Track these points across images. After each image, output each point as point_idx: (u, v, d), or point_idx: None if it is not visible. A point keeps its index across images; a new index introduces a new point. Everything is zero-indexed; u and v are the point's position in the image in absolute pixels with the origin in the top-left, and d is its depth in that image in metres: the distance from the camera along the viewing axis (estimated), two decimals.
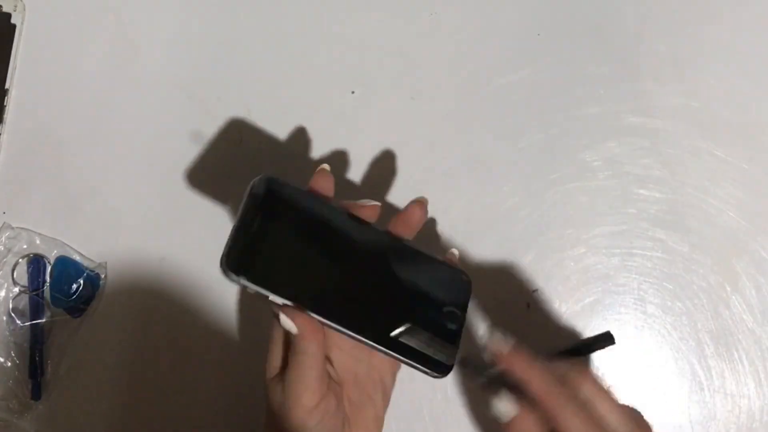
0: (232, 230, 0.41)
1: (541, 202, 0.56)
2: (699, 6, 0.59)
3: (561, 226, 0.56)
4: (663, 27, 0.58)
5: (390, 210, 0.56)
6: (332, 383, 0.43)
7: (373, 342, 0.41)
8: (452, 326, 0.43)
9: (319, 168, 0.44)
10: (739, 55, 0.58)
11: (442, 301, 0.44)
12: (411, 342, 0.42)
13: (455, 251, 0.47)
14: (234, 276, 0.40)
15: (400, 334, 0.42)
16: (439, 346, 0.42)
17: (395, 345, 0.42)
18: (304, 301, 0.41)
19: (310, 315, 0.41)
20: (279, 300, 0.41)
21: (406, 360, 0.42)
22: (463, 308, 0.44)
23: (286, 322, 0.40)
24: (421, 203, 0.45)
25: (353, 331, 0.41)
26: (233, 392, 0.54)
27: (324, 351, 0.41)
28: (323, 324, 0.41)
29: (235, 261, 0.40)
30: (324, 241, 0.43)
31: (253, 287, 0.41)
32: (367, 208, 0.44)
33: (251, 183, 0.43)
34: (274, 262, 0.41)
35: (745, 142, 0.57)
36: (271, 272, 0.41)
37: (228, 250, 0.40)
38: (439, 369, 0.42)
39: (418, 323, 0.42)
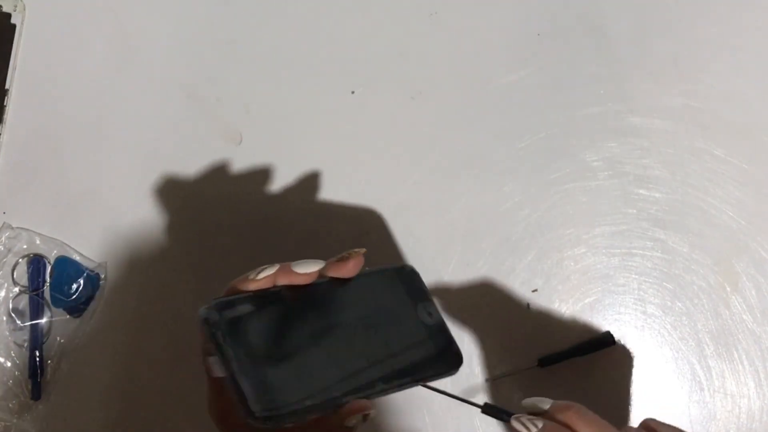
0: (233, 378, 0.36)
1: (541, 202, 0.56)
2: (699, 6, 0.59)
3: (561, 226, 0.56)
4: (663, 27, 0.58)
5: (392, 210, 0.56)
6: None
7: (399, 386, 0.40)
8: (432, 320, 0.43)
9: (260, 275, 0.40)
10: (739, 55, 0.58)
11: (410, 304, 0.43)
12: (416, 359, 0.41)
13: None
14: (280, 423, 0.36)
15: (402, 360, 0.41)
16: (440, 347, 0.42)
17: (407, 373, 0.40)
18: (338, 393, 0.38)
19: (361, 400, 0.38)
20: (320, 413, 0.38)
21: (427, 378, 0.41)
22: (426, 296, 0.44)
23: (356, 415, 0.37)
24: (358, 255, 0.42)
25: (378, 391, 0.40)
26: None
27: None
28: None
29: (266, 408, 0.36)
30: (299, 334, 0.40)
31: (299, 417, 0.37)
32: (304, 276, 0.40)
33: (203, 318, 0.38)
34: (290, 386, 0.38)
35: (745, 142, 0.57)
36: (297, 395, 0.37)
37: (250, 402, 0.36)
38: (453, 363, 0.42)
39: (406, 339, 0.42)
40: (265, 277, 0.40)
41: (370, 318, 0.42)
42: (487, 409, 0.40)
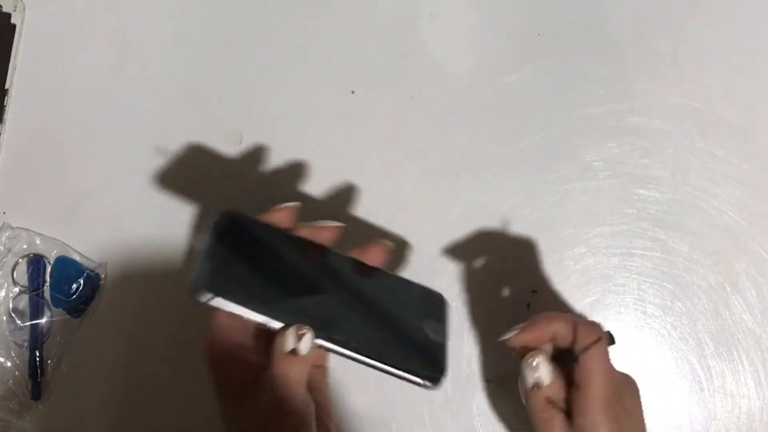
0: (199, 256, 0.39)
1: (541, 202, 0.56)
2: (699, 6, 0.59)
3: (561, 226, 0.56)
4: (663, 27, 0.58)
5: (392, 210, 0.56)
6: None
7: (369, 359, 0.41)
8: (435, 336, 0.43)
9: (282, 206, 0.44)
10: (739, 55, 0.58)
11: (421, 317, 0.43)
12: (401, 355, 0.41)
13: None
14: (208, 295, 0.38)
15: (389, 349, 0.41)
16: (428, 357, 0.42)
17: (387, 359, 0.41)
18: (289, 317, 0.40)
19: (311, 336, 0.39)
20: (262, 319, 0.39)
21: (400, 373, 0.41)
22: (443, 321, 0.44)
23: (292, 343, 0.38)
24: (384, 246, 0.44)
25: (347, 349, 0.40)
26: None
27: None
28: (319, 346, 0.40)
29: (207, 282, 0.38)
30: (292, 269, 0.42)
31: (234, 307, 0.39)
32: (326, 230, 0.44)
33: (214, 219, 0.42)
34: (249, 288, 0.40)
35: (745, 142, 0.57)
36: (248, 295, 0.39)
37: (198, 273, 0.39)
38: (432, 379, 0.41)
39: (404, 338, 0.42)
40: (284, 207, 0.43)
41: (371, 299, 0.42)
42: None
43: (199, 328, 0.55)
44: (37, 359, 0.54)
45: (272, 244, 0.42)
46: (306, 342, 0.39)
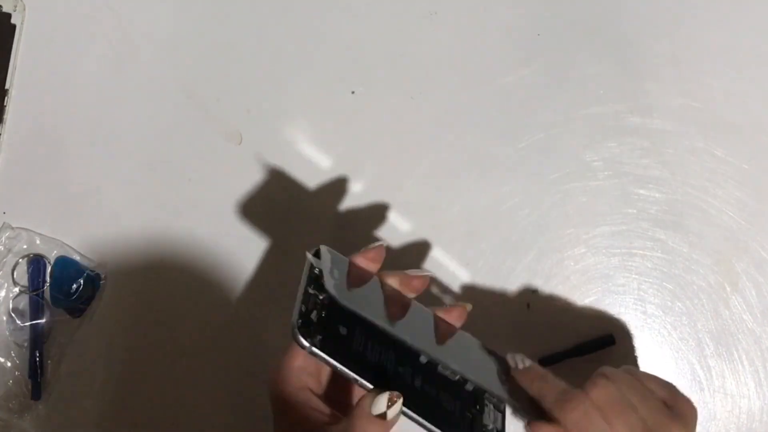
0: (299, 294, 0.39)
1: (541, 202, 0.56)
2: (699, 6, 0.59)
3: (561, 226, 0.56)
4: (663, 27, 0.58)
5: (392, 210, 0.56)
6: None
7: (421, 415, 0.41)
8: (500, 406, 0.44)
9: (377, 244, 0.44)
10: (739, 55, 0.58)
11: (490, 385, 0.44)
12: (457, 416, 0.42)
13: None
14: (309, 343, 0.38)
15: (460, 425, 0.41)
16: (493, 422, 0.43)
17: (441, 418, 0.41)
18: (372, 377, 0.40)
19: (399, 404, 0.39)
20: (357, 378, 0.39)
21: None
22: (503, 411, 0.44)
23: (383, 407, 0.39)
24: (463, 308, 0.45)
25: (425, 419, 0.40)
26: (233, 392, 0.54)
27: None
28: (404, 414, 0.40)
29: (309, 329, 0.38)
30: (380, 320, 0.41)
31: (330, 359, 0.39)
32: (417, 279, 0.44)
33: (313, 251, 0.42)
34: (343, 338, 0.40)
35: (745, 142, 0.57)
36: (343, 347, 0.39)
37: (300, 316, 0.39)
38: None
39: (473, 416, 0.42)
40: (374, 248, 0.44)
41: (451, 365, 0.42)
42: None
43: (198, 328, 0.55)
44: (37, 359, 0.54)
45: (361, 290, 0.42)
46: (395, 409, 0.39)
